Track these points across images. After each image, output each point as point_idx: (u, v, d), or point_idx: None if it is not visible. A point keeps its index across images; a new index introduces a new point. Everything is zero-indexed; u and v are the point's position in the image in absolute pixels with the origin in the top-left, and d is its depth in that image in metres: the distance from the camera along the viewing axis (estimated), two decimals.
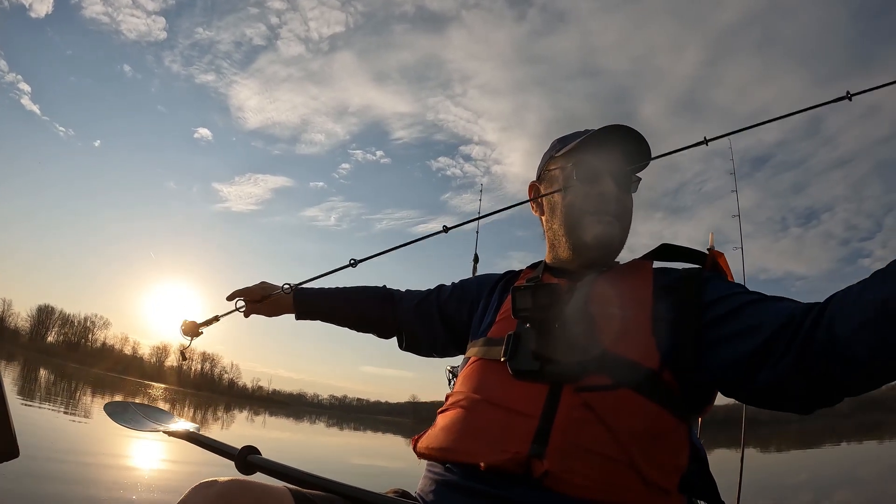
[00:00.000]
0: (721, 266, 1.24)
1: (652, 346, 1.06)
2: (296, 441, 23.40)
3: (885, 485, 13.64)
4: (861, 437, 43.95)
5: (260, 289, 1.61)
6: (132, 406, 1.43)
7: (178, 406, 42.08)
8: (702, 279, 1.16)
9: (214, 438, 1.02)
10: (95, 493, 5.53)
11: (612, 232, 1.26)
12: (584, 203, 1.27)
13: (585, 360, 1.03)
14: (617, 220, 1.27)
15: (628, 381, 1.01)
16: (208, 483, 0.82)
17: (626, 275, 1.23)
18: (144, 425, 1.30)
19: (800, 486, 12.86)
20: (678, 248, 1.30)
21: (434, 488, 1.07)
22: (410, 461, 6.30)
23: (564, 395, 1.01)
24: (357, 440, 35.31)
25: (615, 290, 1.16)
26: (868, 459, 23.39)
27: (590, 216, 1.26)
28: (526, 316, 1.06)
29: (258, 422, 36.73)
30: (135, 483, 6.64)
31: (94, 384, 45.26)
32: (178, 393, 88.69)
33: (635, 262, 1.29)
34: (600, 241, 1.25)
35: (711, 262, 1.27)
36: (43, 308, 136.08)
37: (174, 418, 1.36)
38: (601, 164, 1.27)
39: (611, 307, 1.12)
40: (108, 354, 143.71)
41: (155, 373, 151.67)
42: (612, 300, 1.13)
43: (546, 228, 1.39)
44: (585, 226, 1.26)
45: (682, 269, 1.24)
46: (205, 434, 1.06)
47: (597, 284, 1.19)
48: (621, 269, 1.27)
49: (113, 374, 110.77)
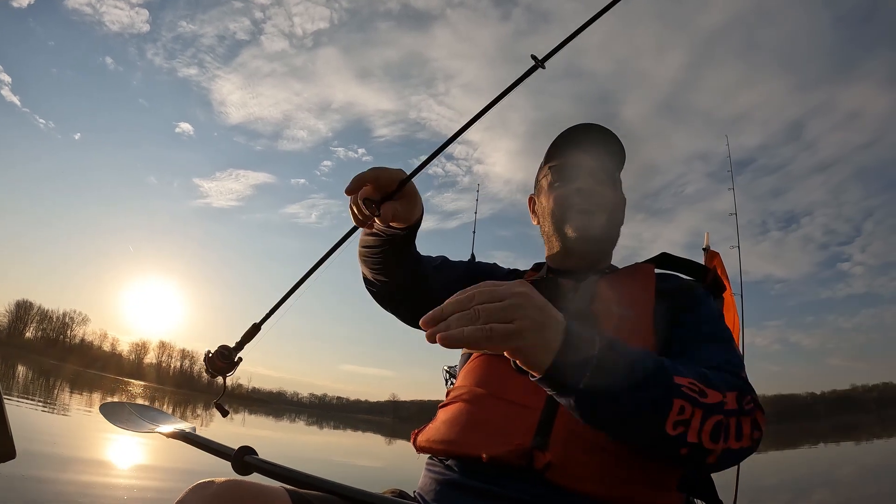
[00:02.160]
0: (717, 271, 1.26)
1: (652, 345, 1.08)
2: (275, 439, 23.26)
3: (863, 486, 13.81)
4: (838, 438, 44.52)
5: (388, 174, 1.10)
6: (128, 406, 1.42)
7: (156, 404, 41.59)
8: (695, 295, 1.21)
9: (210, 439, 1.01)
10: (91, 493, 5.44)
11: (593, 222, 1.30)
12: (566, 201, 1.32)
13: None
14: (599, 211, 1.31)
15: None
16: (205, 484, 0.81)
17: (629, 276, 1.26)
18: (140, 426, 1.29)
19: (778, 487, 12.98)
20: (678, 259, 1.34)
21: (434, 486, 1.07)
22: (390, 460, 6.32)
23: None
24: (336, 439, 35.15)
25: (618, 290, 1.19)
26: (845, 461, 23.67)
27: (570, 211, 1.31)
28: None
29: (237, 420, 36.49)
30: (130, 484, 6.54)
31: (73, 382, 44.71)
32: (157, 390, 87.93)
33: (638, 266, 1.32)
34: (582, 232, 1.29)
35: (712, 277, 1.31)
36: (21, 303, 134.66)
37: (170, 418, 1.35)
38: (575, 163, 1.33)
39: (614, 305, 1.14)
40: (87, 351, 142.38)
41: (134, 370, 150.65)
42: (616, 299, 1.16)
43: (542, 235, 1.43)
44: (567, 220, 1.31)
45: (682, 279, 1.29)
46: (201, 434, 1.05)
47: (600, 284, 1.23)
48: (624, 271, 1.31)
49: (92, 370, 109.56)
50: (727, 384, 0.93)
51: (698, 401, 0.86)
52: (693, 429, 0.85)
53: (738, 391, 0.92)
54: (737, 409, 0.90)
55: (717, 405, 0.88)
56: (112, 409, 1.40)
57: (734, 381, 0.95)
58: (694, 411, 0.86)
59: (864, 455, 26.77)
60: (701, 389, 0.88)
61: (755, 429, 0.92)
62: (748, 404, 0.92)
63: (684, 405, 0.85)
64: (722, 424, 0.88)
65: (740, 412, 0.90)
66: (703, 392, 0.88)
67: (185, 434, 1.10)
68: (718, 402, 0.88)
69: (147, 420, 1.33)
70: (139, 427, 1.29)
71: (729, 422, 0.88)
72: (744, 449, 0.91)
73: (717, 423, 0.87)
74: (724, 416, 0.88)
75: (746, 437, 0.91)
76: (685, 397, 0.86)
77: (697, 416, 0.86)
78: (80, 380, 52.73)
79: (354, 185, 1.07)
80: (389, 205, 1.08)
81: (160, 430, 1.20)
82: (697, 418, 0.86)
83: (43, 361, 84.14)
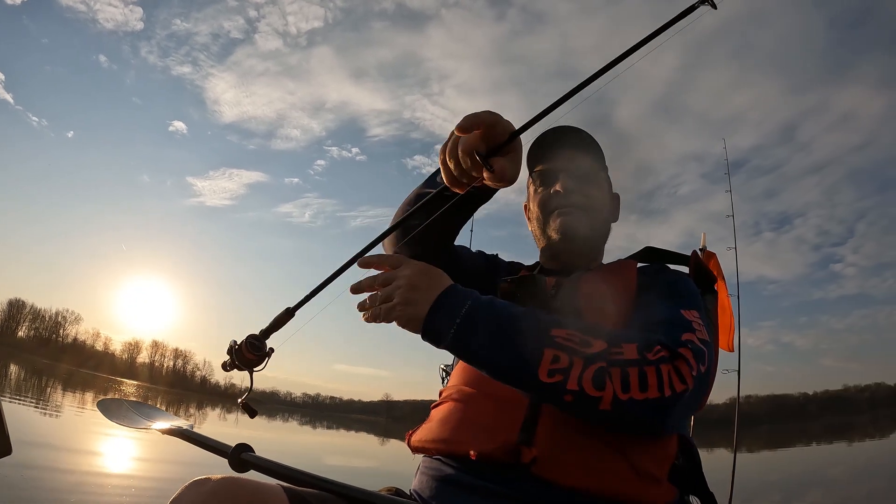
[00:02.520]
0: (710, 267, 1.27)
1: None
2: (267, 440, 23.23)
3: (855, 486, 13.89)
4: (831, 438, 44.79)
5: (503, 122, 0.98)
6: (125, 403, 1.44)
7: (149, 403, 41.51)
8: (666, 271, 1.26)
9: (207, 436, 1.01)
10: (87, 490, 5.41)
11: (574, 222, 1.33)
12: (546, 204, 1.36)
13: None
14: (580, 210, 1.33)
15: None
16: (201, 480, 0.81)
17: (612, 272, 1.28)
18: (137, 422, 1.30)
19: (771, 487, 13.05)
20: (662, 252, 1.37)
21: (429, 483, 1.08)
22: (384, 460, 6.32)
23: None
24: (330, 438, 35.18)
25: (601, 286, 1.20)
26: (838, 461, 23.84)
27: (550, 214, 1.35)
28: None
29: (230, 420, 36.41)
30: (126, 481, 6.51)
31: (66, 381, 44.57)
32: (150, 390, 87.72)
33: (621, 262, 1.34)
34: (564, 232, 1.33)
35: (694, 263, 1.33)
36: (14, 302, 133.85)
37: (167, 415, 1.36)
38: (552, 166, 1.37)
39: (596, 301, 1.15)
40: (80, 350, 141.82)
41: (126, 369, 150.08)
42: (599, 294, 1.17)
43: (534, 237, 1.46)
44: (549, 222, 1.35)
45: (664, 269, 1.30)
46: (198, 431, 1.05)
47: (584, 280, 1.23)
48: (608, 268, 1.33)
49: (85, 370, 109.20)
50: (630, 338, 0.93)
51: (577, 350, 0.90)
52: (572, 377, 0.89)
53: (642, 342, 0.92)
54: (637, 358, 0.90)
55: (601, 353, 0.90)
56: (109, 406, 1.42)
57: (646, 336, 0.95)
58: (573, 360, 0.90)
59: (857, 455, 26.97)
60: (583, 340, 0.91)
61: (671, 379, 0.90)
62: (655, 354, 0.91)
63: (559, 354, 0.90)
64: (606, 371, 0.88)
65: (642, 361, 0.90)
66: (585, 342, 0.91)
67: (182, 431, 1.10)
68: (602, 350, 0.91)
69: (144, 416, 1.35)
70: (136, 423, 1.30)
71: (626, 371, 0.89)
72: (655, 400, 0.89)
73: (598, 370, 0.88)
74: (613, 365, 0.89)
75: (654, 388, 0.89)
76: (560, 347, 0.91)
77: (578, 364, 0.89)
78: (74, 379, 52.60)
79: (469, 124, 0.94)
80: (501, 160, 0.96)
81: (157, 426, 1.21)
82: (578, 367, 0.89)
83: (36, 360, 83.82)
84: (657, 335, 0.96)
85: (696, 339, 0.99)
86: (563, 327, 0.94)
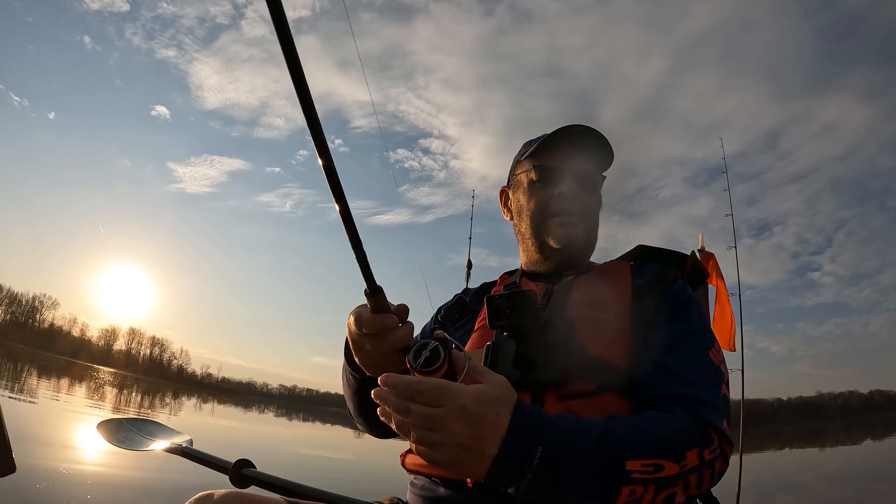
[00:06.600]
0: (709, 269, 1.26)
1: (629, 346, 1.07)
2: (242, 430, 23.06)
3: (827, 490, 14.09)
4: (803, 443, 45.29)
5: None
6: (124, 423, 1.42)
7: (125, 391, 41.10)
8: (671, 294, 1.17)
9: (208, 453, 1.02)
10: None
11: (574, 233, 1.28)
12: (547, 206, 1.29)
13: (567, 365, 1.03)
14: (580, 221, 1.29)
15: (611, 385, 1.02)
16: (205, 496, 0.81)
17: (604, 276, 1.24)
18: (139, 444, 1.29)
19: (742, 490, 13.16)
20: (655, 250, 1.33)
21: (423, 502, 1.07)
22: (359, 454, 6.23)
23: (548, 403, 1.01)
24: (305, 431, 35.00)
25: (594, 293, 1.17)
26: (810, 466, 24.11)
27: (552, 219, 1.29)
28: (503, 325, 1.04)
29: (206, 410, 36.11)
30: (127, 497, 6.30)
31: (49, 369, 43.83)
32: (126, 378, 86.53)
33: (613, 264, 1.31)
34: (563, 243, 1.27)
35: (691, 263, 1.29)
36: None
37: (167, 430, 1.36)
38: (561, 165, 1.29)
39: (590, 310, 1.13)
40: (57, 336, 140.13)
41: (103, 356, 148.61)
42: (591, 303, 1.14)
43: (516, 232, 1.40)
44: (549, 229, 1.29)
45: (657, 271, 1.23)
46: (198, 448, 1.06)
47: (575, 287, 1.21)
48: (599, 271, 1.28)
49: (63, 357, 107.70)
50: (689, 440, 0.92)
51: (652, 479, 0.86)
52: (645, 501, 0.86)
53: (702, 443, 0.92)
54: (698, 465, 0.90)
55: (674, 477, 0.88)
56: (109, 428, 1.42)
57: (701, 429, 0.94)
58: (647, 489, 0.86)
59: (829, 461, 27.27)
60: (656, 465, 0.87)
61: (720, 469, 0.95)
62: (712, 453, 0.93)
63: (635, 489, 0.85)
64: (676, 493, 0.88)
65: (702, 466, 0.91)
66: (658, 467, 0.87)
67: (183, 449, 1.10)
68: (675, 474, 0.88)
69: (144, 434, 1.34)
70: (137, 445, 1.29)
71: (689, 480, 0.89)
72: (703, 491, 0.94)
73: (670, 496, 0.88)
74: (683, 479, 0.89)
75: (707, 484, 0.93)
76: (636, 482, 0.85)
77: (651, 490, 0.86)
78: (53, 367, 51.64)
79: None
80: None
81: (157, 446, 1.21)
82: (651, 492, 0.86)
83: (12, 346, 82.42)
84: (704, 414, 0.96)
85: (726, 388, 1.03)
86: (636, 457, 0.86)
